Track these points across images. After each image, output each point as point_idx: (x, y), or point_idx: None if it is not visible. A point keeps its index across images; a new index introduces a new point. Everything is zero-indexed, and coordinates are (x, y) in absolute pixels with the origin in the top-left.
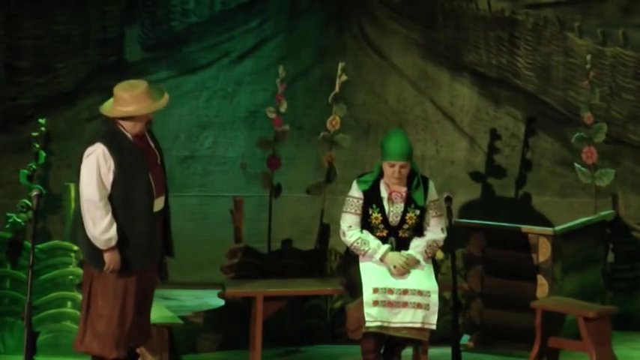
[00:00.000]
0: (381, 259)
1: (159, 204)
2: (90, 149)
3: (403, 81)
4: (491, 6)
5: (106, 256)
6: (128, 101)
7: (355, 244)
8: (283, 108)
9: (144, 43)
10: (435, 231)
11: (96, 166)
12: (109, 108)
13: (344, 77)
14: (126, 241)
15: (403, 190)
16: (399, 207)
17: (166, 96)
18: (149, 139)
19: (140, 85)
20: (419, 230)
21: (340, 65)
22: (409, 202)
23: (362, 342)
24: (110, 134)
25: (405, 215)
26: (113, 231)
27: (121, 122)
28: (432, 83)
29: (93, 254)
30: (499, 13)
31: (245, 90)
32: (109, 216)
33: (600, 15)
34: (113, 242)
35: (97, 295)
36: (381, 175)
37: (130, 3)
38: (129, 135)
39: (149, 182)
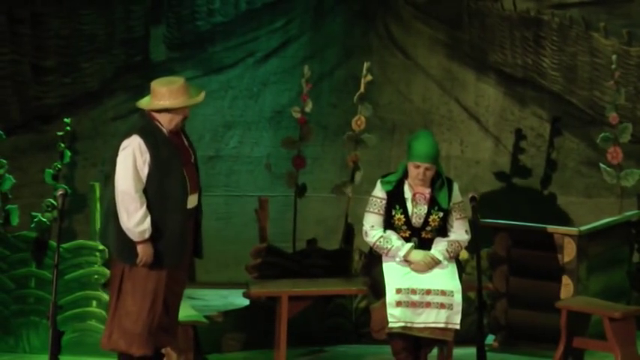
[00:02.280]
0: (405, 257)
1: (192, 201)
2: (126, 142)
3: (428, 81)
4: (517, 6)
5: (140, 249)
6: (166, 95)
7: (378, 243)
8: (308, 108)
9: (169, 43)
10: (459, 232)
11: (132, 159)
12: (146, 102)
13: (369, 77)
14: (159, 235)
15: (427, 191)
16: (423, 208)
17: (203, 93)
18: (183, 138)
19: (178, 80)
20: (442, 232)
21: (365, 65)
22: (433, 203)
23: (391, 343)
24: (147, 128)
25: (429, 217)
26: (147, 223)
27: (158, 117)
28: (458, 83)
29: (125, 248)
30: (525, 13)
31: (270, 90)
32: (144, 208)
33: (626, 15)
34: (147, 234)
35: (126, 292)
36: (405, 175)
37: (156, 3)
38: (165, 130)
39: (184, 177)
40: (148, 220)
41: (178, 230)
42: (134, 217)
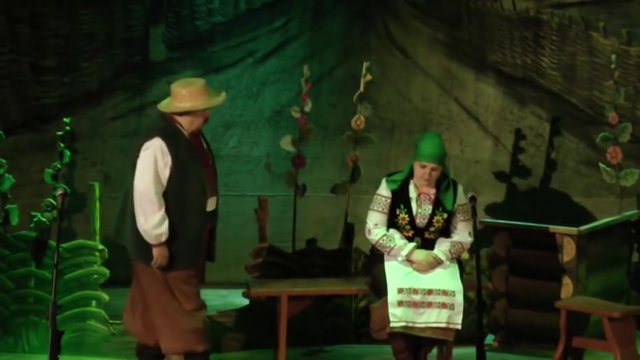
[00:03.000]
0: (407, 257)
1: (211, 204)
2: (148, 143)
3: (428, 80)
4: (516, 5)
5: (155, 251)
6: (186, 97)
7: (381, 242)
8: (308, 107)
9: (168, 43)
10: (462, 234)
11: (153, 160)
12: (166, 104)
13: (368, 77)
14: (176, 237)
15: (432, 192)
16: (427, 209)
17: (223, 94)
18: (202, 140)
19: (197, 81)
20: (445, 233)
21: (365, 65)
22: (437, 204)
23: (392, 343)
24: (168, 130)
25: (433, 218)
26: (165, 227)
27: (179, 119)
28: (457, 83)
29: (141, 248)
30: (524, 13)
31: (270, 89)
32: (162, 211)
33: (625, 15)
34: (163, 238)
35: (171, 295)
36: (411, 175)
37: (155, 2)
38: (185, 132)
39: (203, 180)
40: (166, 223)
41: (196, 233)
42: (151, 220)
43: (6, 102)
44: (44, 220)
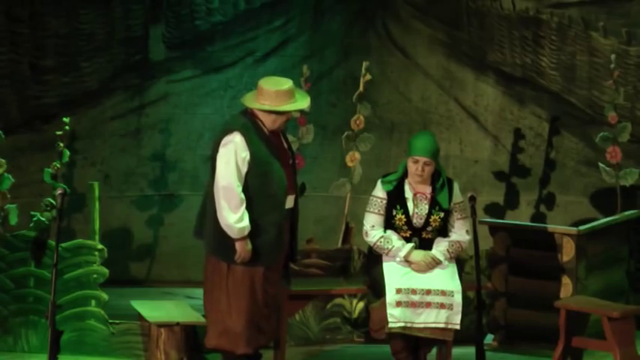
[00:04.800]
0: (405, 258)
1: (290, 201)
2: (228, 138)
3: (427, 80)
4: (516, 5)
5: (238, 246)
6: (272, 96)
7: (378, 243)
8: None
9: (168, 42)
10: (460, 233)
11: (234, 154)
12: (250, 99)
13: (368, 76)
14: (257, 233)
15: (428, 191)
16: (424, 208)
17: (308, 99)
18: (282, 139)
19: (286, 82)
20: (443, 232)
21: (364, 64)
22: (434, 204)
23: (390, 343)
24: (248, 125)
25: (430, 217)
26: (247, 220)
27: (260, 116)
28: (456, 82)
29: (223, 245)
30: (523, 13)
31: None
32: (244, 205)
33: (625, 14)
34: (246, 231)
35: (225, 291)
36: (405, 174)
37: (155, 2)
38: (266, 130)
39: (282, 177)
40: (247, 217)
41: (276, 230)
42: (236, 214)
43: (5, 102)
44: (43, 219)
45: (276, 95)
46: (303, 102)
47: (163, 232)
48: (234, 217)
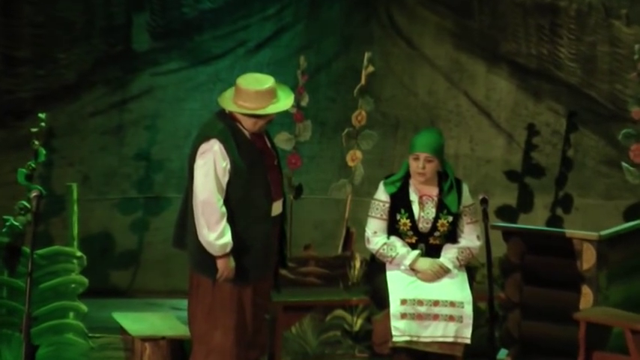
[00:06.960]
0: (411, 266)
1: (277, 208)
2: (204, 146)
3: (435, 73)
4: None
5: (220, 263)
6: (252, 97)
7: (381, 251)
8: (305, 102)
9: (153, 31)
10: (470, 238)
11: (212, 165)
12: (228, 100)
13: (370, 69)
14: (242, 247)
15: (435, 193)
16: (430, 212)
17: (292, 96)
18: (266, 139)
19: (267, 80)
20: (452, 237)
21: (366, 56)
22: (441, 207)
23: (394, 358)
24: (227, 130)
25: (437, 222)
26: (229, 236)
27: (240, 118)
28: (467, 75)
29: (204, 261)
30: None
31: None
32: (225, 220)
33: None
34: (228, 248)
35: (211, 307)
36: (409, 175)
37: None
38: (247, 133)
39: (267, 184)
40: (229, 232)
41: (262, 240)
42: (215, 230)
43: None
44: (17, 224)
45: (256, 96)
46: (286, 101)
47: (148, 237)
48: (213, 234)
